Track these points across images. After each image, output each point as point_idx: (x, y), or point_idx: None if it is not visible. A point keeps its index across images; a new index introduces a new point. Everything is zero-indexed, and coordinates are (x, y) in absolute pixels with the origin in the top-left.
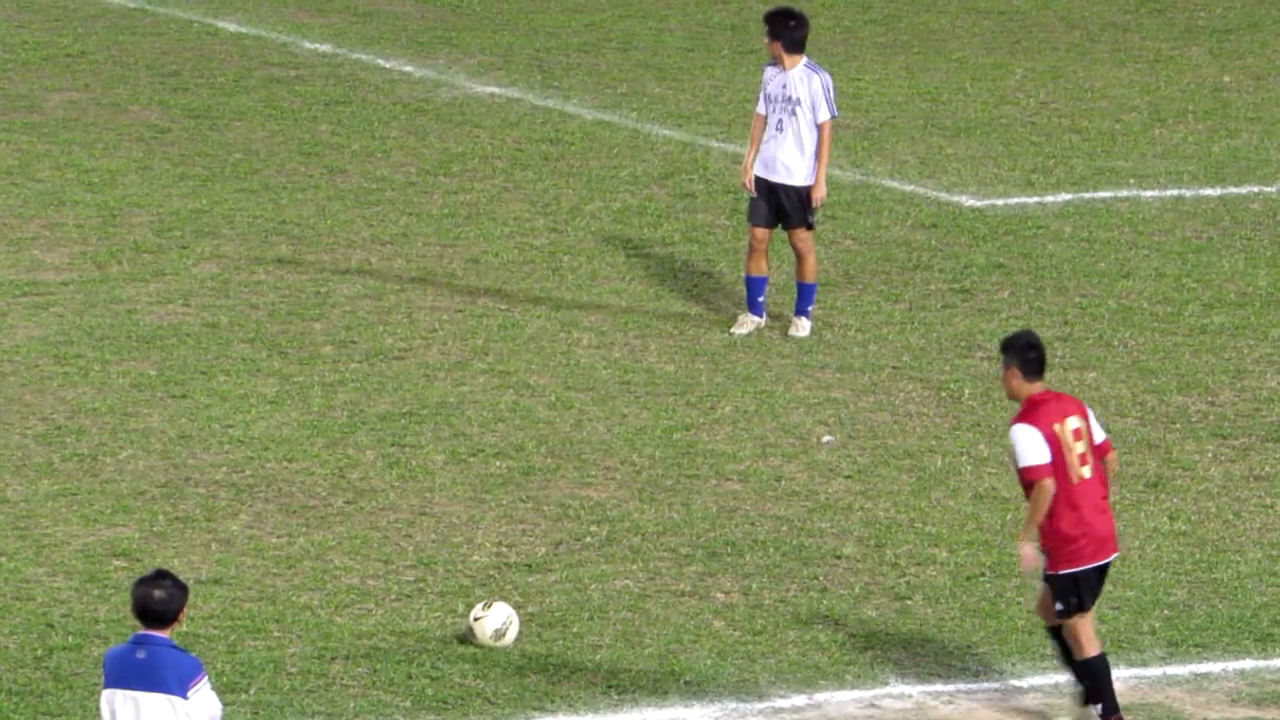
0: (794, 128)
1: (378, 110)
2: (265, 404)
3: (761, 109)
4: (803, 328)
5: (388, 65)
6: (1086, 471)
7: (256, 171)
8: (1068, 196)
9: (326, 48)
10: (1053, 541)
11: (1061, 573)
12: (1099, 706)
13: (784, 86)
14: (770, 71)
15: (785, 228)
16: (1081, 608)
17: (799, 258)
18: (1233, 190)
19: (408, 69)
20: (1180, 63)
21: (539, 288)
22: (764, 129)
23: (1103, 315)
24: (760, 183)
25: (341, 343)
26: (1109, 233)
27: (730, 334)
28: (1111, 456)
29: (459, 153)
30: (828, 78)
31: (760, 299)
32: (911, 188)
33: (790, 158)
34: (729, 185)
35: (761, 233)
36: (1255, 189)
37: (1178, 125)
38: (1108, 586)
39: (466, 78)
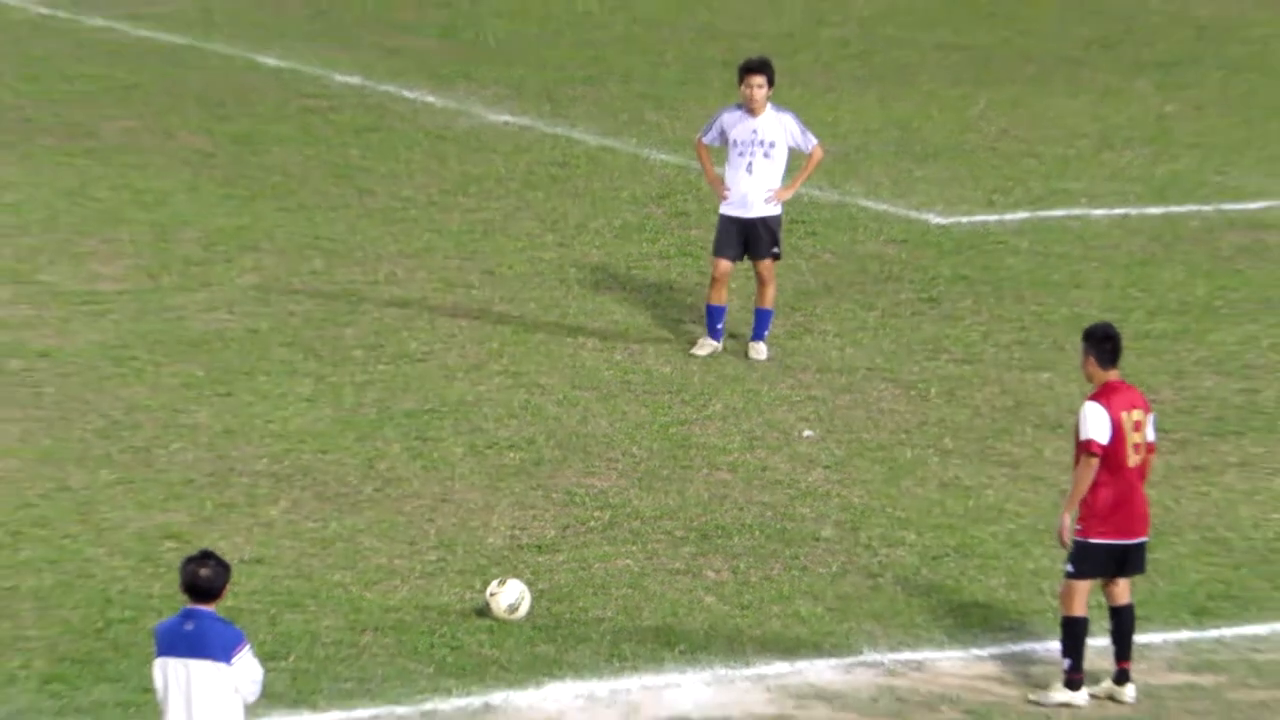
0: (764, 168)
1: (403, 137)
2: (302, 402)
3: (710, 140)
4: (760, 351)
5: (412, 96)
6: (1136, 460)
7: (293, 192)
8: (1025, 215)
9: (356, 80)
10: (1090, 510)
11: (1087, 540)
12: (1069, 661)
13: (754, 131)
14: (734, 115)
15: (752, 258)
16: (1087, 575)
17: (761, 285)
18: (1174, 209)
19: (430, 99)
20: (1127, 94)
21: (548, 297)
22: (710, 156)
23: (1056, 322)
24: (733, 221)
25: (370, 346)
26: (1062, 247)
27: (691, 354)
28: (1153, 458)
29: (476, 175)
30: (795, 115)
31: (719, 325)
32: (884, 207)
33: (761, 195)
34: (716, 205)
35: (726, 265)
36: (1194, 208)
37: (1124, 150)
38: (1059, 566)
39: (483, 107)
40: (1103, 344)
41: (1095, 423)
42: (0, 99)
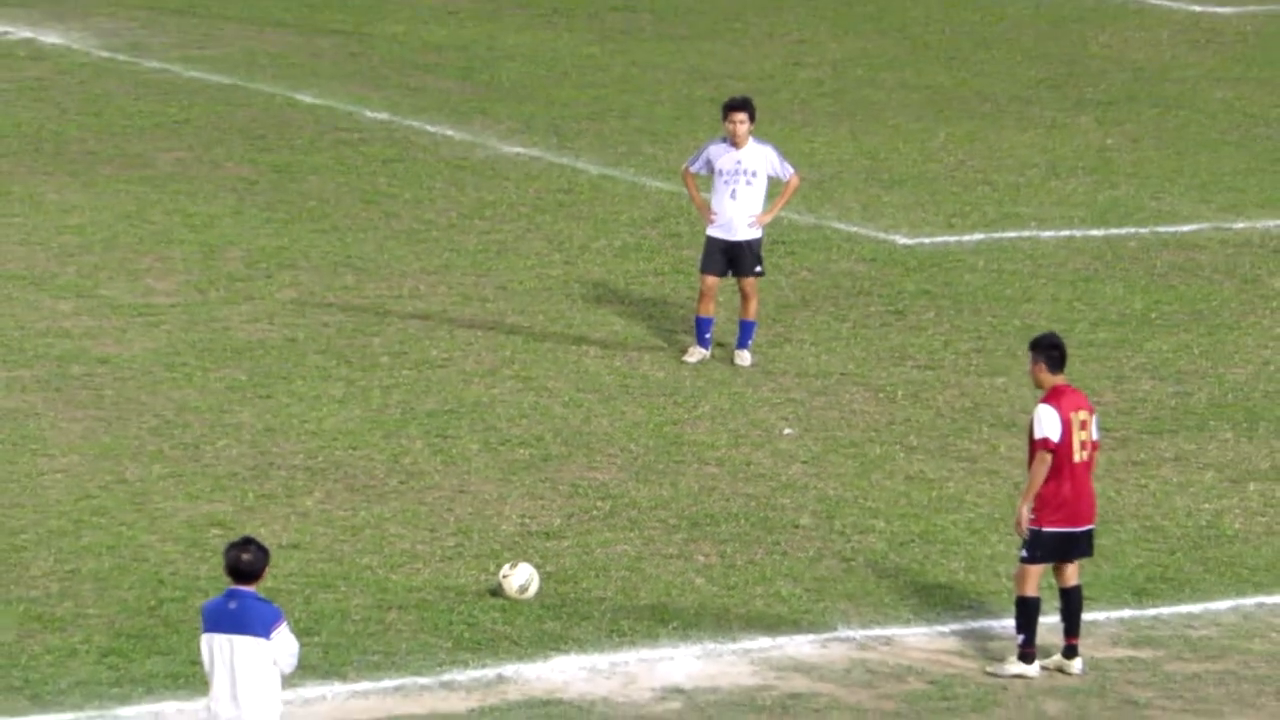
0: (747, 194)
1: (425, 166)
2: (334, 403)
3: (697, 169)
4: (745, 359)
5: (434, 130)
6: (1083, 456)
7: (327, 215)
8: (981, 236)
9: (384, 116)
10: (1043, 502)
11: (1040, 529)
12: (1022, 636)
13: (738, 162)
14: (720, 148)
15: (736, 275)
16: (1040, 560)
17: (745, 299)
18: (1114, 231)
19: (449, 133)
20: (1071, 129)
21: (555, 310)
22: (696, 183)
23: (1009, 332)
24: (719, 242)
25: (396, 354)
26: (1014, 265)
27: (682, 361)
28: (1096, 454)
29: (490, 200)
30: (775, 147)
31: (707, 335)
32: (855, 229)
33: (744, 219)
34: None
35: (712, 280)
36: (1132, 230)
37: (1069, 179)
38: (1014, 551)
39: (497, 140)
40: (1050, 351)
41: (1049, 422)
42: (66, 132)
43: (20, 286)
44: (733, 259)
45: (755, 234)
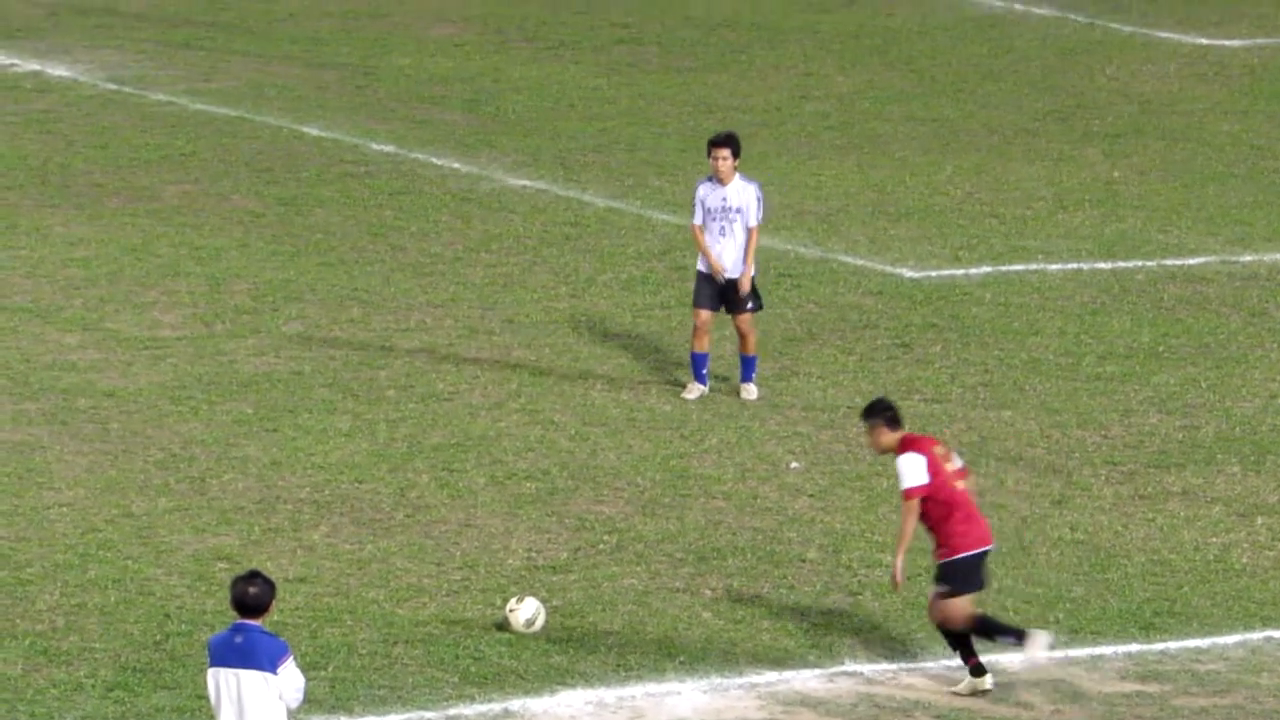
0: (733, 232)
1: (431, 199)
2: (340, 436)
3: (699, 220)
4: (751, 392)
5: (440, 163)
6: (961, 485)
7: (334, 248)
8: (988, 269)
9: (390, 149)
10: (943, 537)
11: (954, 558)
12: (1010, 637)
13: (724, 199)
14: (707, 187)
15: (730, 312)
16: (962, 590)
17: (742, 337)
18: (1121, 264)
19: (456, 166)
20: (1079, 161)
21: (561, 343)
22: (705, 234)
23: (1016, 365)
24: (710, 279)
25: (402, 387)
26: (1021, 298)
27: (682, 398)
28: (971, 479)
29: (497, 233)
30: (759, 187)
31: (704, 370)
32: (862, 261)
33: (735, 256)
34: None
35: (706, 315)
36: (1139, 263)
37: (1076, 211)
38: (1020, 585)
39: (503, 173)
40: (885, 412)
41: (911, 471)
42: (73, 165)
43: (26, 319)
44: (725, 296)
45: (724, 272)
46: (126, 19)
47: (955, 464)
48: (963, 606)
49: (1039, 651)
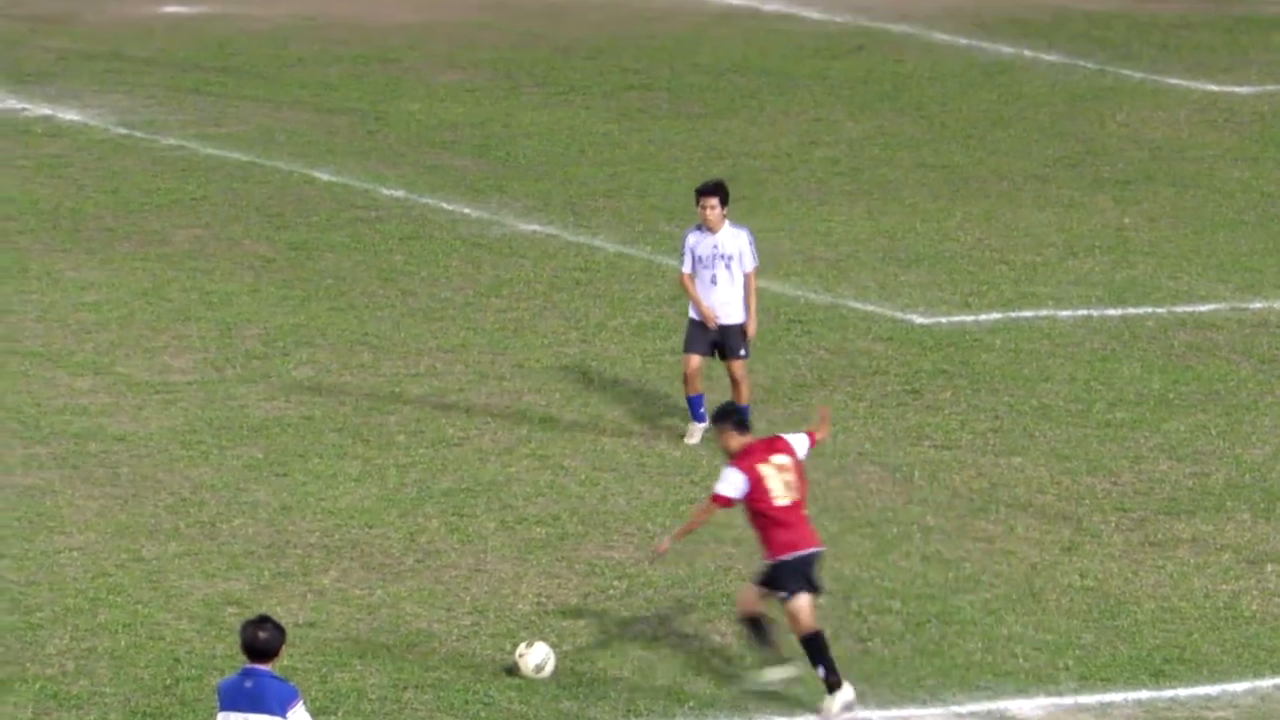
0: (726, 277)
1: (442, 244)
2: (350, 481)
3: (688, 269)
4: None
5: (450, 208)
6: (790, 496)
7: (344, 293)
8: (998, 315)
9: (401, 193)
10: (772, 542)
11: (781, 559)
12: (822, 670)
13: (715, 247)
14: (696, 236)
15: (724, 359)
16: (798, 588)
17: (736, 384)
18: (1131, 311)
19: (466, 210)
20: (1089, 207)
21: (572, 388)
22: (696, 282)
23: (1026, 411)
24: (702, 326)
25: (412, 432)
26: (1031, 345)
27: (685, 443)
28: (805, 485)
29: (507, 278)
30: (749, 231)
31: (701, 410)
32: (872, 307)
33: (727, 301)
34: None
35: (696, 360)
36: (1149, 310)
37: (1087, 258)
38: (1030, 631)
39: (513, 218)
40: (731, 417)
41: (730, 483)
42: (83, 209)
43: (37, 363)
44: (718, 342)
45: (739, 318)
46: (136, 64)
47: (792, 476)
48: (799, 610)
49: (845, 702)
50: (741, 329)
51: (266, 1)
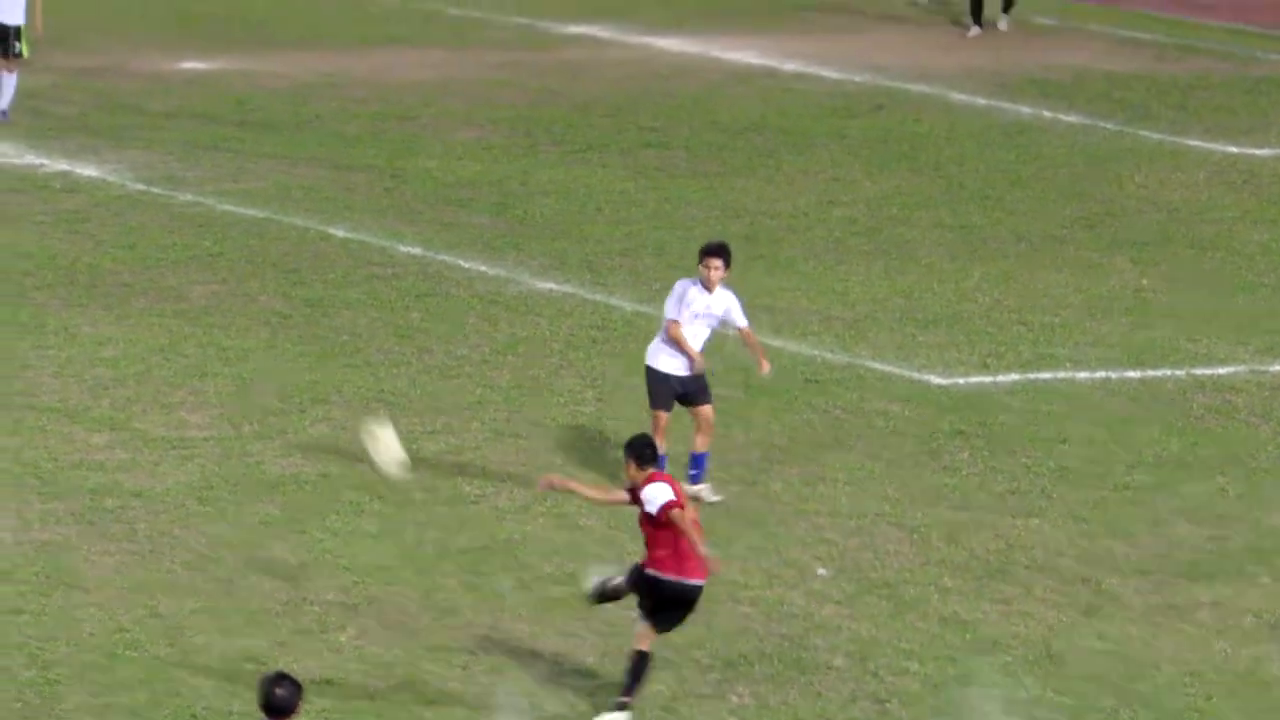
0: (705, 335)
1: (458, 301)
2: (368, 539)
3: (675, 315)
4: (710, 493)
5: (467, 265)
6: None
7: (360, 350)
8: (1016, 376)
9: (417, 250)
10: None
11: (653, 573)
12: (632, 689)
13: (709, 306)
14: (694, 291)
15: (693, 405)
16: (635, 598)
17: (699, 429)
18: (1150, 373)
19: (482, 268)
20: (1107, 269)
21: (589, 446)
22: (684, 332)
23: (1044, 473)
24: (671, 378)
25: (429, 489)
26: (1050, 406)
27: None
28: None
29: (524, 336)
30: (736, 293)
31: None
32: (889, 368)
33: (700, 359)
34: (741, 363)
35: (665, 417)
36: (1168, 372)
37: (1105, 320)
38: (1049, 694)
39: (530, 276)
40: (643, 450)
41: (662, 492)
42: (100, 265)
43: (54, 419)
44: (683, 393)
45: (702, 368)
46: (154, 119)
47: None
48: (619, 586)
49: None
50: (704, 379)
51: (285, 59)
